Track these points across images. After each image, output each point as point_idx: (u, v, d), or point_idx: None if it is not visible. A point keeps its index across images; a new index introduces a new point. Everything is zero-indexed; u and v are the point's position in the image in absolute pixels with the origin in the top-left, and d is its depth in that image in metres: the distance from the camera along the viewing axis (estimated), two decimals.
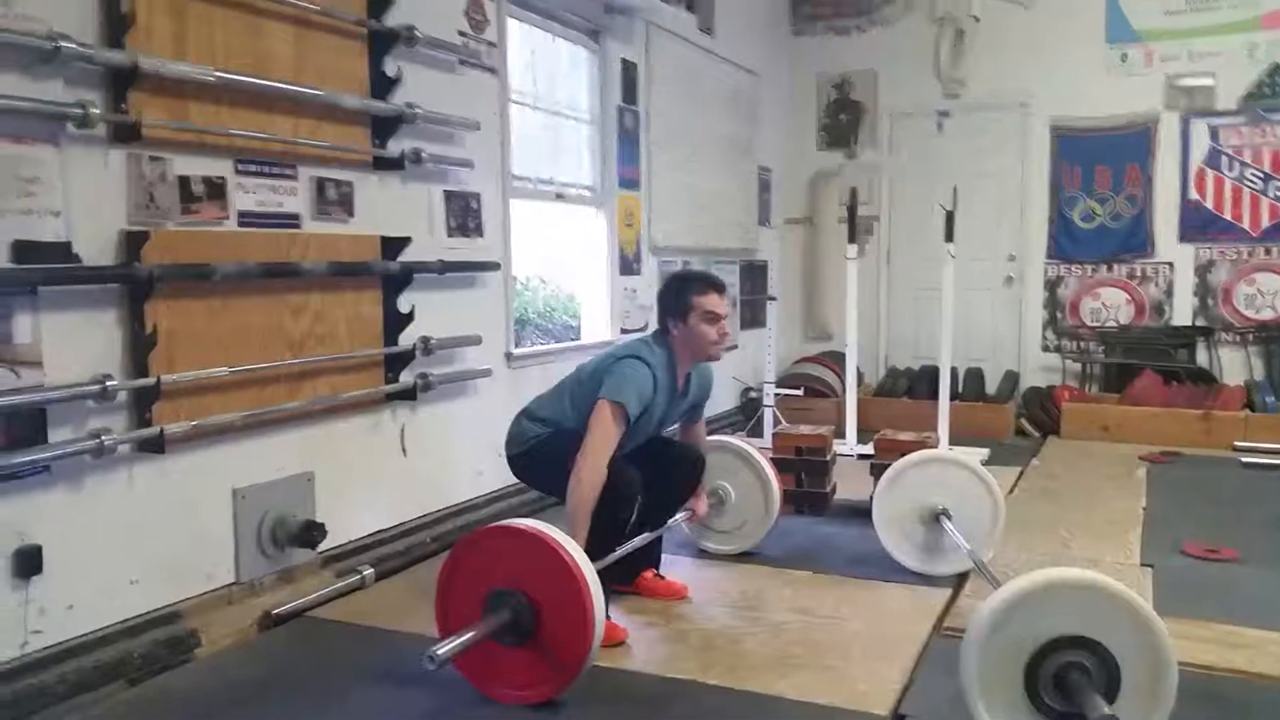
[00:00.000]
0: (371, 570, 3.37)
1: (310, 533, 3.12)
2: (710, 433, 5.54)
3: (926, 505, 3.44)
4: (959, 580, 3.39)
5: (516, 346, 4.45)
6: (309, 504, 3.25)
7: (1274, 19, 6.14)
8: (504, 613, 2.39)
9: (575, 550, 2.44)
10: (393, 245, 3.53)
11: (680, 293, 3.08)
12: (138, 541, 2.73)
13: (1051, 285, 6.84)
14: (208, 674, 2.70)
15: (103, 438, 2.51)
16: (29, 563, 2.43)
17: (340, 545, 3.40)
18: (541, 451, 3.05)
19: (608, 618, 2.88)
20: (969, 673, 2.09)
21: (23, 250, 2.39)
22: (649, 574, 3.31)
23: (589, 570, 2.42)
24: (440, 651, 2.24)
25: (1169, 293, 6.54)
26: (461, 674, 2.48)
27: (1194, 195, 6.42)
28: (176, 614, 2.81)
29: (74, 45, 2.43)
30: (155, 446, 2.69)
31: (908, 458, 3.54)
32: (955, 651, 2.18)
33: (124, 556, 2.69)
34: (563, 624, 2.39)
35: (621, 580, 3.25)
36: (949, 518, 3.38)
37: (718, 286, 3.10)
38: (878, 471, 3.87)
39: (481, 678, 2.49)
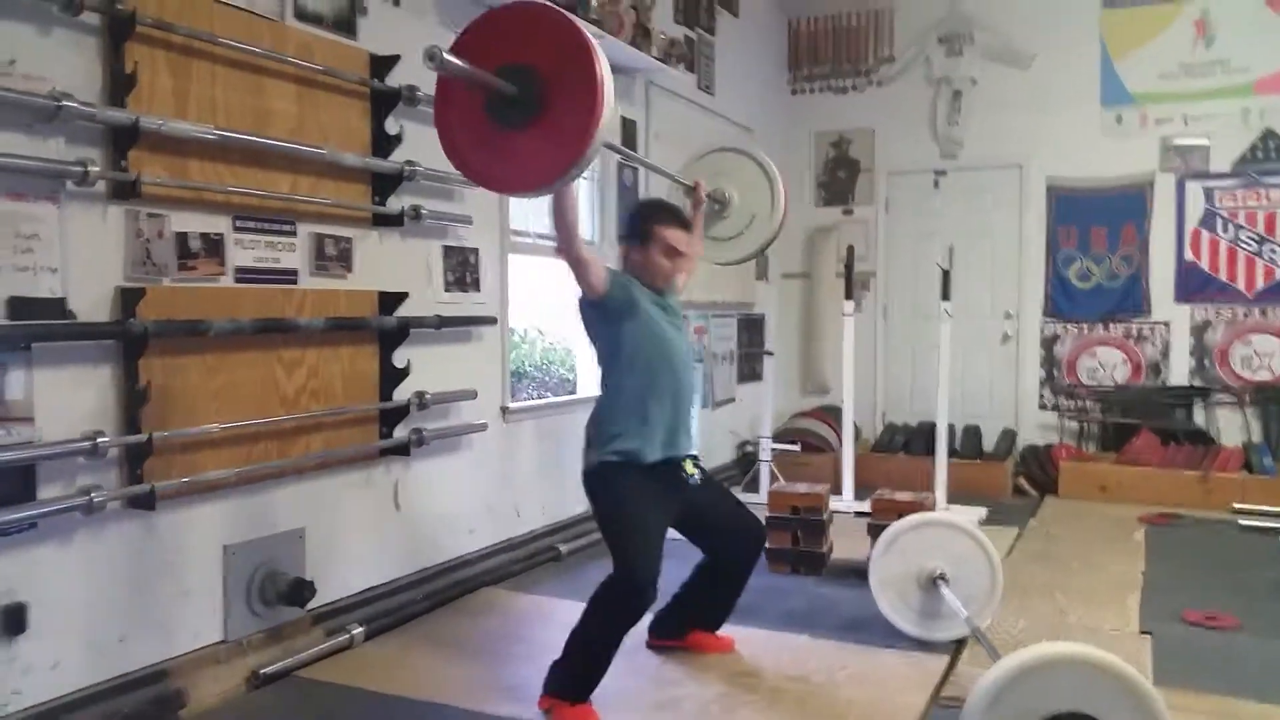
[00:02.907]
0: (361, 630, 3.32)
1: (300, 591, 3.09)
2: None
3: (924, 569, 3.40)
4: (957, 646, 3.35)
5: (512, 400, 4.43)
6: (300, 561, 3.22)
7: (1267, 85, 6.23)
8: (511, 84, 2.22)
9: (585, 25, 2.28)
10: (390, 300, 3.53)
11: (646, 219, 3.04)
12: (126, 599, 2.69)
13: (1048, 343, 6.85)
14: None
15: (92, 495, 2.49)
16: (14, 621, 2.40)
17: (331, 602, 3.36)
18: (601, 415, 2.95)
19: (588, 703, 2.79)
20: None
21: (18, 306, 2.39)
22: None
23: (597, 46, 2.23)
24: (447, 54, 2.08)
25: (1165, 353, 6.55)
26: (464, 162, 2.34)
27: (1189, 256, 6.45)
28: (164, 672, 2.76)
29: (76, 104, 2.45)
30: (146, 503, 2.66)
31: (904, 521, 3.51)
32: None
33: (111, 614, 2.66)
34: (571, 96, 2.20)
35: (671, 635, 3.25)
36: (946, 582, 3.34)
37: (682, 221, 3.07)
38: (875, 531, 3.85)
39: (488, 166, 2.33)
